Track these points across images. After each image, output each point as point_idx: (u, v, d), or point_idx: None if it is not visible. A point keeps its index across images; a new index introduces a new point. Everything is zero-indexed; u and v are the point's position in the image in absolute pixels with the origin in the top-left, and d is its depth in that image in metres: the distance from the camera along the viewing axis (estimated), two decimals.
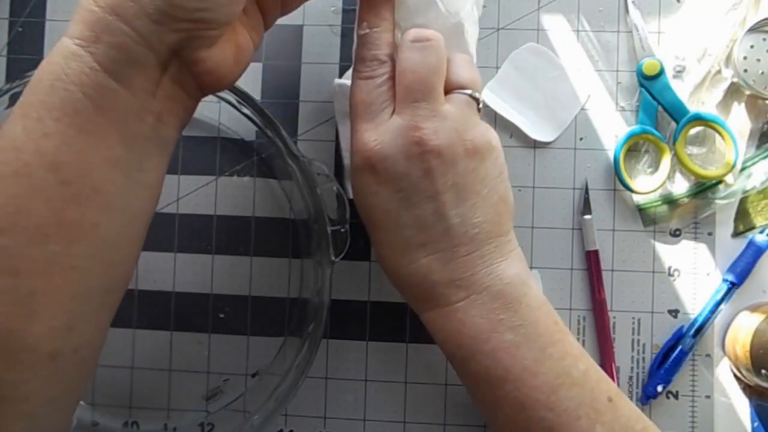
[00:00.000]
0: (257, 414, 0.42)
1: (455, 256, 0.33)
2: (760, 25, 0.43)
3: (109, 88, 0.27)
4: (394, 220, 0.33)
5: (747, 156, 0.44)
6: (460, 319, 0.33)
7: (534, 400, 0.31)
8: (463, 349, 0.33)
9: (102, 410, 0.46)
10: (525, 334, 0.32)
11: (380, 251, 0.35)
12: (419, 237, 0.33)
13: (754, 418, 0.43)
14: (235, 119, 0.45)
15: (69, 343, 0.28)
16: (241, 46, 0.32)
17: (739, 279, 0.43)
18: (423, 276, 0.33)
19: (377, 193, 0.33)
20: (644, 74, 0.44)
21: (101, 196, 0.28)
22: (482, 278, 0.33)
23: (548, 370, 0.32)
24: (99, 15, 0.27)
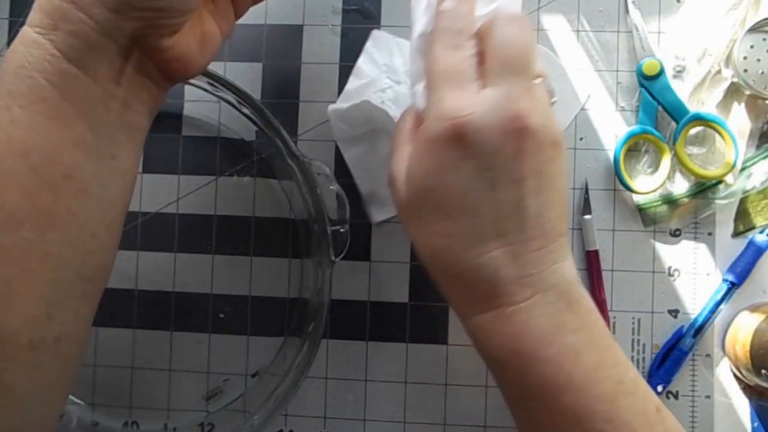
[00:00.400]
0: (257, 414, 0.42)
1: (526, 251, 0.30)
2: (760, 25, 0.43)
3: (71, 74, 0.27)
4: (473, 204, 0.29)
5: (747, 156, 0.44)
6: (522, 321, 0.30)
7: (593, 411, 0.29)
8: (522, 356, 0.30)
9: (102, 410, 0.46)
10: (586, 338, 0.30)
11: (442, 242, 0.30)
12: (496, 227, 0.30)
13: (754, 418, 0.43)
14: (235, 119, 0.45)
15: (50, 333, 0.28)
16: (207, 35, 0.32)
17: (739, 279, 0.43)
18: (491, 271, 0.30)
19: (459, 170, 0.29)
20: (644, 74, 0.44)
21: (74, 182, 0.28)
22: (549, 276, 0.30)
23: (606, 378, 0.30)
24: (56, 3, 0.27)
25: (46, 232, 0.27)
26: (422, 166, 0.30)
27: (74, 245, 0.28)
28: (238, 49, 0.46)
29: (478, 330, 0.31)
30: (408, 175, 0.31)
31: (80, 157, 0.28)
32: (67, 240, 0.28)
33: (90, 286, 0.30)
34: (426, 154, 0.30)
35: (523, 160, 0.29)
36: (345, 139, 0.44)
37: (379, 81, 0.42)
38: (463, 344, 0.45)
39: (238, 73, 0.46)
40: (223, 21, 0.33)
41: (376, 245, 0.45)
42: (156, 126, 0.46)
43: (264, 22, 0.46)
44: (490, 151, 0.29)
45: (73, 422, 0.45)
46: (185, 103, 0.46)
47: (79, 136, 0.28)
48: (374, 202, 0.44)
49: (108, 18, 0.27)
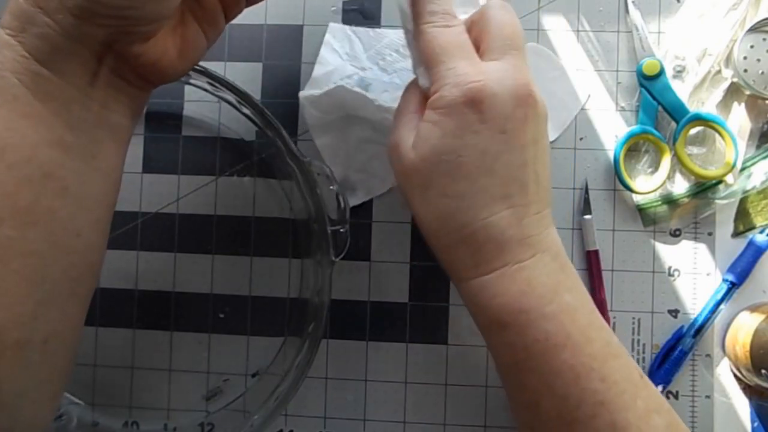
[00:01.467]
0: (257, 414, 0.42)
1: (528, 213, 0.32)
2: (760, 25, 0.43)
3: (42, 75, 0.27)
4: (489, 165, 0.31)
5: (747, 156, 0.44)
6: (526, 279, 0.32)
7: (589, 368, 0.31)
8: (525, 314, 0.31)
9: (102, 410, 0.46)
10: (578, 297, 0.32)
11: (454, 203, 0.32)
12: (505, 188, 0.32)
13: (754, 418, 0.43)
14: (235, 119, 0.45)
15: (37, 332, 0.28)
16: (188, 40, 0.32)
17: (739, 279, 0.43)
18: (499, 230, 0.32)
19: (479, 132, 0.31)
20: (644, 74, 0.44)
21: (53, 180, 0.28)
22: (545, 238, 0.33)
23: (599, 337, 0.32)
24: (24, 7, 0.27)
25: (27, 230, 0.27)
26: (439, 130, 0.32)
27: (59, 244, 0.29)
28: (238, 49, 0.46)
29: (482, 291, 0.32)
30: (420, 142, 0.32)
31: (59, 156, 0.28)
32: (50, 238, 0.28)
33: (78, 286, 0.30)
34: (444, 119, 0.31)
35: (528, 127, 0.32)
36: (317, 125, 0.44)
37: (344, 68, 0.44)
38: (463, 344, 0.45)
39: (238, 73, 0.46)
40: (210, 26, 0.33)
41: (376, 245, 0.45)
42: (156, 126, 0.46)
43: (264, 22, 0.46)
44: (504, 115, 0.31)
45: (73, 422, 0.45)
46: (185, 103, 0.46)
47: (56, 134, 0.28)
48: (348, 188, 0.45)
49: (73, 24, 0.27)
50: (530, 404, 0.32)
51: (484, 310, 0.32)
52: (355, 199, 0.45)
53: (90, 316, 0.32)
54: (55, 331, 0.29)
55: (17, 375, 0.28)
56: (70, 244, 0.29)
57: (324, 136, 0.45)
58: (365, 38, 0.45)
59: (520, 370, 0.32)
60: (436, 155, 0.32)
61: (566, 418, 0.31)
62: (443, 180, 0.32)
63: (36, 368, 0.29)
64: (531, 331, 0.31)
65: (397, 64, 0.45)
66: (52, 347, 0.29)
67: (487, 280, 0.32)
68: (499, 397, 0.44)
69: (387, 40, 0.45)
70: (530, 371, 0.32)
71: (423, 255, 0.45)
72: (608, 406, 0.30)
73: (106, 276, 0.46)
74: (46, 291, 0.28)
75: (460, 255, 0.33)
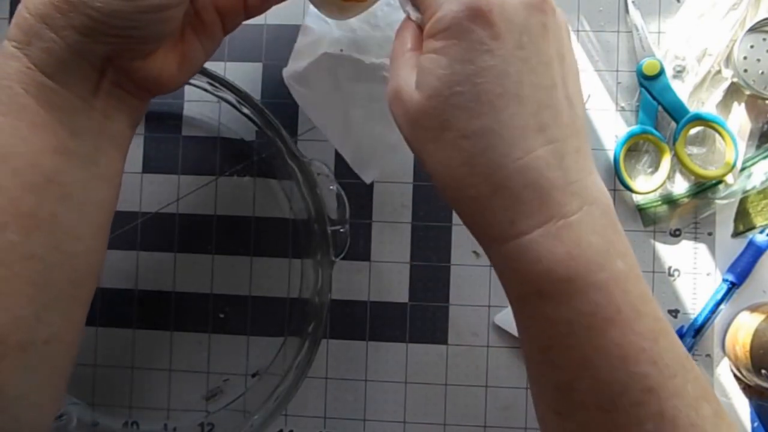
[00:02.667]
0: (257, 414, 0.42)
1: (567, 150, 0.27)
2: (760, 25, 0.43)
3: (47, 86, 0.28)
4: (513, 90, 0.26)
5: (747, 156, 0.44)
6: (574, 239, 0.26)
7: (639, 349, 0.26)
8: (572, 283, 0.26)
9: (102, 410, 0.46)
10: (630, 263, 0.27)
11: (479, 143, 0.26)
12: (537, 118, 0.26)
13: (754, 418, 0.43)
14: (235, 119, 0.45)
15: (39, 334, 0.28)
16: (187, 55, 0.33)
17: (739, 279, 0.43)
18: (539, 172, 0.26)
19: (492, 50, 0.26)
20: (644, 74, 0.44)
21: (56, 186, 0.29)
22: (591, 186, 0.27)
23: (649, 313, 0.26)
24: (30, 21, 0.28)
25: (30, 234, 0.28)
26: (446, 58, 0.26)
27: (60, 248, 0.29)
28: (238, 49, 0.46)
29: (521, 255, 0.26)
30: (425, 78, 0.27)
31: (62, 163, 0.29)
32: (52, 243, 0.29)
33: (79, 290, 0.31)
34: (448, 44, 0.26)
35: (549, 39, 0.27)
36: (311, 104, 0.41)
37: (331, 32, 0.40)
38: (463, 344, 0.45)
39: (238, 73, 0.46)
40: (208, 40, 0.34)
41: (376, 245, 0.45)
42: (156, 126, 0.46)
43: (264, 22, 0.46)
44: (518, 26, 0.26)
45: (73, 422, 0.45)
46: (185, 103, 0.46)
47: (60, 142, 0.29)
48: (361, 163, 0.43)
49: (78, 40, 0.28)
50: (562, 385, 0.27)
51: (524, 278, 0.27)
52: (371, 175, 0.43)
53: (90, 316, 0.32)
54: (57, 334, 0.29)
55: (19, 377, 0.28)
56: (72, 249, 0.30)
57: (322, 115, 0.41)
58: None
59: (558, 347, 0.27)
60: (448, 88, 0.26)
61: (605, 406, 0.26)
62: (461, 117, 0.26)
63: (37, 370, 0.29)
64: (577, 302, 0.26)
65: (389, 17, 0.40)
66: (53, 349, 0.29)
67: (528, 241, 0.26)
68: (498, 397, 0.44)
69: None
70: (569, 349, 0.26)
71: (423, 255, 0.45)
72: (657, 393, 0.26)
73: (106, 276, 0.46)
74: (47, 294, 0.29)
75: (491, 210, 0.27)
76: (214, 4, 0.33)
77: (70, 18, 0.28)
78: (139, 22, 0.28)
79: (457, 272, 0.45)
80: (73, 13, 0.27)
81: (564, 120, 0.27)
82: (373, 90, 0.40)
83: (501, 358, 0.45)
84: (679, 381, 0.26)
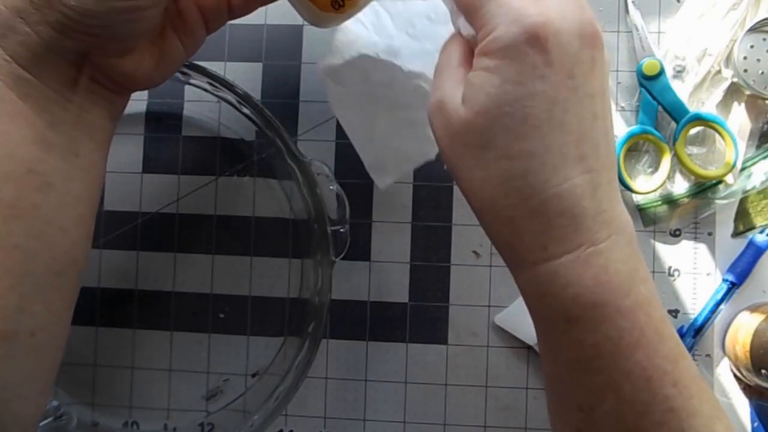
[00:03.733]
0: (257, 414, 0.42)
1: (601, 182, 0.27)
2: (760, 25, 0.43)
3: (24, 78, 0.29)
4: (559, 117, 0.27)
5: (747, 156, 0.44)
6: (602, 266, 0.27)
7: (663, 371, 0.27)
8: (600, 309, 0.27)
9: (102, 410, 0.46)
10: (650, 289, 0.28)
11: (520, 165, 0.27)
12: (578, 147, 0.27)
13: (754, 418, 0.43)
14: (235, 119, 0.45)
15: (23, 325, 0.29)
16: (166, 52, 0.33)
17: (739, 279, 0.43)
18: (575, 200, 0.27)
19: (545, 76, 0.26)
20: (644, 74, 0.44)
21: (36, 176, 0.29)
22: (619, 216, 0.28)
23: (671, 335, 0.28)
24: (6, 14, 0.28)
25: (11, 223, 0.28)
26: (497, 77, 0.27)
27: (41, 238, 0.29)
28: (238, 49, 0.46)
29: (551, 279, 0.27)
30: (474, 94, 0.27)
31: (41, 153, 0.29)
32: (33, 233, 0.29)
33: (62, 281, 0.31)
34: (502, 63, 0.27)
35: (596, 73, 0.28)
36: (339, 100, 0.41)
37: (369, 37, 0.40)
38: (463, 344, 0.45)
39: (238, 73, 0.46)
40: (189, 38, 0.34)
41: (376, 245, 0.45)
42: (156, 126, 0.46)
43: (264, 22, 0.46)
44: (571, 57, 0.27)
45: (73, 422, 0.45)
46: (185, 103, 0.46)
47: (39, 133, 0.29)
48: (378, 168, 0.42)
49: (52, 36, 0.28)
50: (585, 406, 0.28)
51: (552, 302, 0.28)
52: (387, 179, 0.42)
53: (90, 316, 0.32)
54: (41, 326, 0.30)
55: (4, 367, 0.28)
56: (53, 239, 0.30)
57: (349, 114, 0.41)
58: (393, 9, 0.41)
59: (584, 369, 0.28)
60: (497, 107, 0.27)
61: (628, 425, 0.27)
62: (506, 137, 0.27)
63: (23, 362, 0.29)
64: (604, 327, 0.27)
65: (428, 30, 0.40)
66: (38, 341, 0.30)
67: (559, 265, 0.27)
68: (498, 397, 0.44)
69: (417, 8, 0.40)
70: (596, 371, 0.27)
71: (423, 255, 0.45)
72: (678, 413, 0.27)
73: (106, 276, 0.46)
74: (30, 284, 0.29)
75: (525, 232, 0.27)
76: (198, 4, 0.33)
77: (45, 14, 0.28)
78: (113, 21, 0.29)
79: (457, 272, 0.45)
80: (47, 9, 0.28)
81: (601, 152, 0.28)
82: (404, 98, 0.40)
83: (501, 358, 0.45)
84: (696, 401, 0.27)
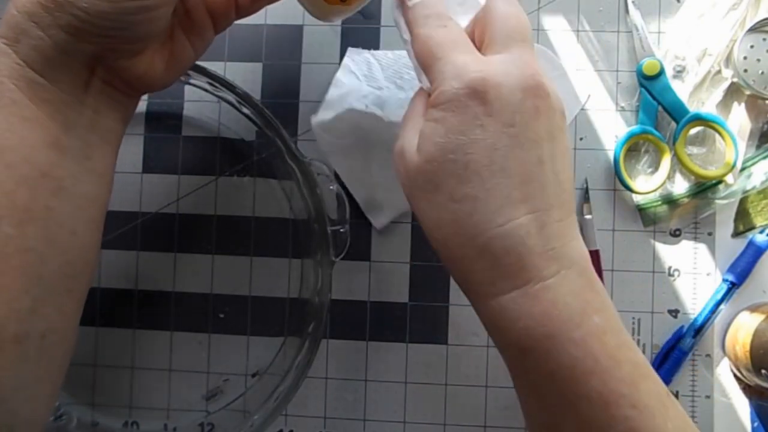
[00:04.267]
0: (257, 414, 0.42)
1: (550, 220, 0.29)
2: (760, 25, 0.43)
3: (37, 82, 0.29)
4: (500, 163, 0.29)
5: (747, 156, 0.44)
6: (551, 300, 0.28)
7: (619, 395, 0.28)
8: (550, 340, 0.28)
9: (102, 410, 0.46)
10: (607, 317, 0.29)
11: (465, 208, 0.29)
12: (521, 189, 0.29)
13: (754, 418, 0.43)
14: (235, 119, 0.45)
15: (35, 327, 0.29)
16: (176, 54, 0.33)
17: (739, 279, 0.43)
18: (519, 239, 0.28)
19: (485, 126, 0.29)
20: (644, 74, 0.44)
21: (50, 180, 0.29)
22: (570, 251, 0.29)
23: (628, 360, 0.29)
24: (19, 19, 0.28)
25: (25, 227, 0.28)
26: (443, 127, 0.29)
27: (55, 241, 0.29)
28: (238, 49, 0.46)
29: (502, 313, 0.29)
30: (424, 143, 0.30)
31: (55, 157, 0.29)
32: (46, 236, 0.29)
33: (74, 283, 0.31)
34: (446, 115, 0.29)
35: (540, 121, 0.29)
36: (333, 151, 0.44)
37: (360, 89, 0.43)
38: (463, 344, 0.45)
39: (238, 73, 0.46)
40: (198, 39, 0.34)
41: (376, 245, 0.45)
42: (156, 126, 0.46)
43: (264, 22, 0.46)
44: (511, 107, 0.29)
45: (73, 422, 0.45)
46: (185, 103, 0.46)
47: (52, 137, 0.29)
48: (374, 208, 0.45)
49: (65, 39, 0.28)
50: (549, 425, 0.30)
51: (505, 333, 0.30)
52: (382, 219, 0.45)
53: (90, 316, 0.32)
54: (52, 328, 0.30)
55: (16, 369, 0.28)
56: (66, 242, 0.30)
57: (343, 161, 0.44)
58: (384, 60, 0.45)
59: (543, 394, 0.30)
60: (442, 154, 0.29)
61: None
62: (451, 182, 0.29)
63: (34, 363, 0.29)
64: (556, 356, 0.28)
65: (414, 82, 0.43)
66: (49, 343, 0.30)
67: (508, 300, 0.29)
68: (498, 397, 0.44)
69: (405, 60, 0.44)
70: (554, 395, 0.29)
71: (423, 255, 0.45)
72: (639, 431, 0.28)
73: (106, 276, 0.46)
74: (42, 287, 0.29)
75: (475, 270, 0.30)
76: (205, 4, 0.34)
77: (57, 17, 0.28)
78: (125, 23, 0.29)
79: None
80: (59, 12, 0.28)
81: (548, 192, 0.29)
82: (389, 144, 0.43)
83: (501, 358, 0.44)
84: (659, 420, 0.28)
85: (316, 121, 0.43)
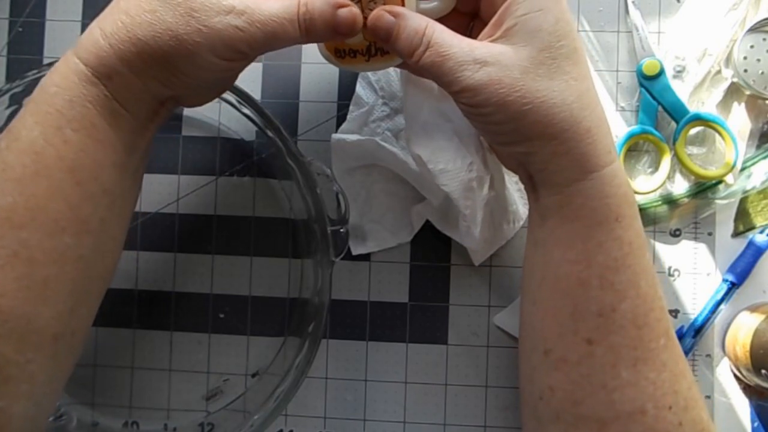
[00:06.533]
0: (257, 414, 0.42)
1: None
2: (760, 25, 0.43)
3: (119, 112, 0.32)
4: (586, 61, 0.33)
5: (747, 156, 0.44)
6: (622, 181, 0.32)
7: (655, 271, 0.33)
8: (634, 207, 0.32)
9: (102, 410, 0.46)
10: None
11: (584, 85, 0.32)
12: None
13: (754, 418, 0.43)
14: (235, 119, 0.45)
15: (69, 326, 0.31)
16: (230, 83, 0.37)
17: (739, 279, 0.43)
18: (605, 131, 0.32)
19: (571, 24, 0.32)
20: (644, 74, 0.44)
21: (109, 196, 0.32)
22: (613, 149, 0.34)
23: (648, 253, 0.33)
24: (112, 60, 0.31)
25: (82, 237, 0.31)
26: (552, 16, 0.31)
27: (99, 249, 0.32)
28: None
29: (614, 178, 0.32)
30: (531, 37, 0.31)
31: (117, 176, 0.32)
32: (97, 245, 0.32)
33: (103, 284, 0.34)
34: (549, 4, 0.31)
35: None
36: (343, 169, 0.44)
37: (377, 108, 0.44)
38: (463, 344, 0.45)
39: None
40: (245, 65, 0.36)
41: None
42: None
43: None
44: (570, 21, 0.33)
45: (73, 422, 0.45)
46: None
47: (118, 158, 0.32)
48: (357, 235, 0.45)
49: (157, 88, 0.32)
50: (606, 309, 0.31)
51: (611, 201, 0.32)
52: (363, 248, 0.45)
53: None
54: (81, 326, 0.32)
55: (49, 366, 0.31)
56: (107, 248, 0.33)
57: (346, 180, 0.45)
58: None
59: (616, 268, 0.31)
60: (556, 40, 0.31)
61: (639, 322, 0.31)
62: (568, 63, 0.31)
63: (63, 360, 0.32)
64: (636, 224, 0.32)
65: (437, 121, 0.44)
66: (76, 339, 0.32)
67: (618, 167, 0.32)
68: (498, 397, 0.44)
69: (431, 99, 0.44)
70: (625, 268, 0.31)
71: (423, 255, 0.45)
72: (665, 312, 0.32)
73: None
74: (83, 290, 0.32)
75: (599, 139, 0.32)
76: None
77: (154, 71, 0.31)
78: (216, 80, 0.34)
79: (457, 272, 0.45)
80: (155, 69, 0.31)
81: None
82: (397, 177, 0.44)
83: (501, 358, 0.45)
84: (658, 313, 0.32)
85: (337, 138, 0.43)
